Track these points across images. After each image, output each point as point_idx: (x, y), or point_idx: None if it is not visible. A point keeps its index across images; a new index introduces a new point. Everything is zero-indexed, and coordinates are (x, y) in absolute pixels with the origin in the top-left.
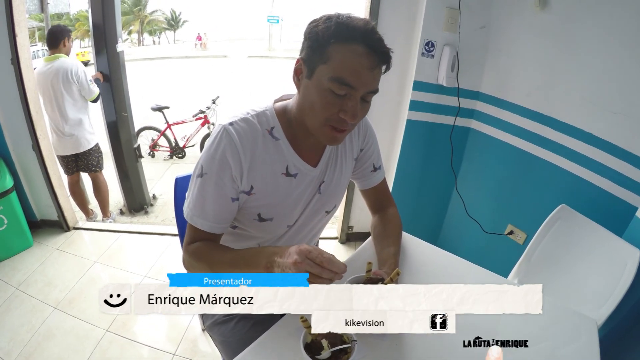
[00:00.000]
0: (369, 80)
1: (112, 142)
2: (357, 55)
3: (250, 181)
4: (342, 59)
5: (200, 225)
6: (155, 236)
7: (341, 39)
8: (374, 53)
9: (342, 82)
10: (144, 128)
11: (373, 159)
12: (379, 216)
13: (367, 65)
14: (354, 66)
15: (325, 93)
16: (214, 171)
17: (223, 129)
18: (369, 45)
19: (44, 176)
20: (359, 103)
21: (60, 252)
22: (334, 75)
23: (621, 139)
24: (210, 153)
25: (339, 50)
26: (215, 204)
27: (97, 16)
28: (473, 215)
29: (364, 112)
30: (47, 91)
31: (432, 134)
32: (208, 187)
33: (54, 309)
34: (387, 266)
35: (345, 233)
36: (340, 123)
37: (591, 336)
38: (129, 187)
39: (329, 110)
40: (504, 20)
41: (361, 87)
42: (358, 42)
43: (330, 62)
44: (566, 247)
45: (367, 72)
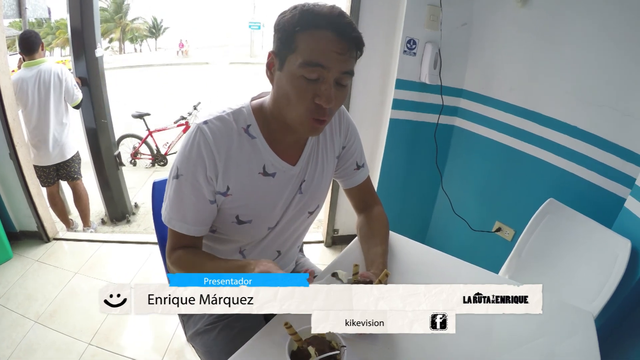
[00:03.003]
0: (340, 61)
1: (92, 150)
2: (325, 40)
3: (226, 181)
4: (309, 44)
5: (179, 229)
6: (138, 245)
7: (307, 26)
8: (343, 38)
9: (312, 64)
10: (125, 136)
11: (356, 156)
12: (364, 215)
13: (337, 49)
14: (322, 49)
15: (298, 81)
16: (189, 172)
17: (197, 128)
18: (336, 30)
19: (22, 186)
20: (334, 86)
21: (41, 264)
22: (303, 60)
23: (607, 131)
24: (184, 153)
25: (306, 38)
26: (193, 205)
27: (76, 21)
28: (460, 213)
29: (341, 98)
30: (32, 97)
31: (416, 133)
32: (184, 188)
33: (35, 323)
34: (375, 267)
35: (331, 236)
36: (317, 112)
37: (589, 330)
38: (110, 196)
39: (304, 97)
40: (485, 17)
41: (333, 67)
42: (324, 28)
43: (298, 49)
44: (556, 241)
45: (337, 56)
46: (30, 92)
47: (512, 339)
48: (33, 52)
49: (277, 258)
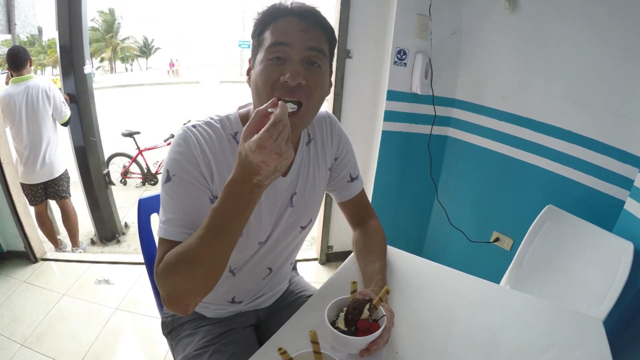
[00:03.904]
0: (304, 38)
1: (81, 168)
2: (286, 22)
3: (220, 186)
4: (273, 32)
5: (176, 236)
6: (128, 266)
7: (271, 19)
8: (306, 19)
9: (275, 43)
10: (115, 155)
11: (349, 168)
12: (360, 230)
13: (300, 27)
14: (284, 28)
15: (264, 66)
16: (182, 170)
17: (185, 130)
18: (298, 14)
19: (9, 204)
20: (302, 66)
21: (28, 285)
22: (268, 45)
23: (602, 134)
24: (174, 154)
25: (271, 28)
26: (190, 206)
27: (65, 38)
28: (457, 225)
29: (313, 77)
30: (20, 113)
31: (409, 144)
32: (178, 188)
33: (21, 346)
34: (374, 283)
35: (325, 253)
36: (285, 90)
37: (599, 337)
38: (99, 216)
39: (269, 79)
40: (474, 24)
41: (295, 43)
42: (286, 15)
43: (264, 42)
44: (557, 248)
45: (300, 33)
46: (18, 109)
47: (521, 351)
48: (21, 67)
49: (269, 275)
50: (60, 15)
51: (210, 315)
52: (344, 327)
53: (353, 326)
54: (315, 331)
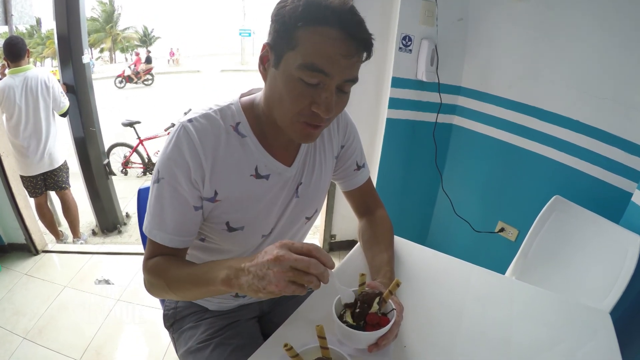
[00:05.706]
0: (345, 67)
1: (81, 159)
2: (330, 39)
3: (214, 186)
4: (312, 44)
5: (160, 239)
6: (129, 256)
7: (311, 21)
8: (351, 39)
9: (314, 68)
10: (116, 145)
11: (355, 156)
12: (366, 220)
13: (343, 52)
14: (327, 51)
15: (295, 83)
16: (171, 175)
17: (181, 127)
18: (344, 29)
19: (9, 197)
20: (335, 94)
21: (29, 277)
22: (304, 62)
23: (610, 124)
24: (166, 155)
25: (309, 35)
26: (175, 212)
27: (62, 27)
28: (461, 214)
29: (341, 105)
30: (19, 105)
31: (414, 132)
32: (165, 193)
33: (23, 339)
34: (382, 275)
35: (328, 242)
36: (313, 118)
37: (608, 330)
38: (100, 206)
39: (300, 103)
40: (482, 11)
41: (336, 75)
42: (331, 26)
43: (298, 47)
44: (563, 239)
45: (342, 59)
46: (17, 100)
47: (531, 346)
48: (19, 58)
49: None
50: (58, 4)
51: (213, 308)
52: (352, 322)
53: (362, 320)
54: (322, 326)
